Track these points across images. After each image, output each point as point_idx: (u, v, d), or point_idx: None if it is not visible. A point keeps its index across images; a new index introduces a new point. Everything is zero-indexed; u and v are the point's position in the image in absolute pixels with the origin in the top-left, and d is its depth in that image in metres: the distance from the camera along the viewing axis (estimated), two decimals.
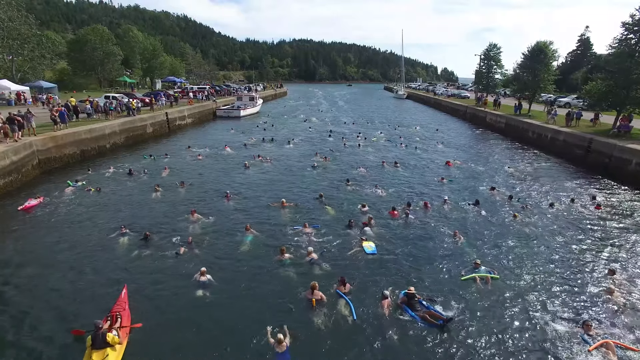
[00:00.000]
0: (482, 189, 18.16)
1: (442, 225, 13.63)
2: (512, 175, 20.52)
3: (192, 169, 21.35)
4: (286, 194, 17.00)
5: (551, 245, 12.16)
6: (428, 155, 25.50)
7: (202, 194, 16.85)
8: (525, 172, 21.14)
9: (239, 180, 19.23)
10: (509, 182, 19.32)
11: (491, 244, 12.18)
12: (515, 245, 12.09)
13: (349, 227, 13.12)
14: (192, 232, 12.94)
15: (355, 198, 16.56)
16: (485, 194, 17.31)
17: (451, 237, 12.55)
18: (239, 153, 25.18)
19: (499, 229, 13.41)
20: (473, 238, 12.62)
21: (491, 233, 13.06)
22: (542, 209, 15.54)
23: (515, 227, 13.59)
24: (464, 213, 14.97)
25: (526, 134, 28.64)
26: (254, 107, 45.69)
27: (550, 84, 31.93)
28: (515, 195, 16.78)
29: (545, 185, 18.74)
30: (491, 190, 17.52)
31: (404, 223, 13.85)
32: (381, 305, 8.75)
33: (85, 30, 55.82)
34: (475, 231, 13.25)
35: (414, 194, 17.36)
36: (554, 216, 14.70)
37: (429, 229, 13.39)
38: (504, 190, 17.79)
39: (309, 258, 10.70)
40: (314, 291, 8.78)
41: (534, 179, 19.83)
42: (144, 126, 27.70)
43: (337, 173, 20.72)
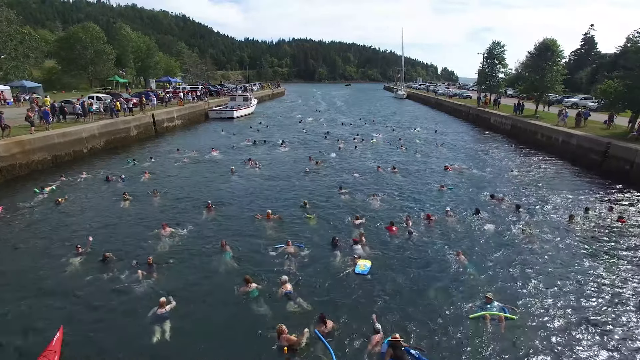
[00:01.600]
0: (485, 197, 16.53)
1: (445, 244, 11.96)
2: (519, 182, 18.83)
3: (175, 174, 19.74)
4: (273, 203, 15.38)
5: (573, 270, 10.46)
6: (428, 159, 23.87)
7: (179, 204, 15.21)
8: (533, 178, 19.46)
9: (223, 187, 17.60)
10: (516, 190, 17.64)
11: (500, 269, 10.46)
12: (530, 271, 10.36)
13: (334, 246, 11.47)
14: (161, 250, 11.38)
15: (348, 208, 14.94)
16: (489, 204, 15.68)
17: (454, 258, 10.88)
18: (227, 157, 23.57)
19: (509, 248, 11.72)
20: (480, 260, 10.92)
21: (500, 253, 11.36)
22: (554, 221, 13.86)
23: (526, 245, 11.91)
24: (468, 227, 13.32)
25: (534, 136, 26.94)
26: (248, 107, 44.01)
27: (559, 83, 30.21)
28: (524, 206, 15.14)
29: (556, 194, 17.04)
30: (496, 200, 15.90)
31: (403, 241, 12.17)
32: (371, 343, 7.26)
33: (75, 28, 54.04)
34: (482, 250, 11.58)
35: (413, 202, 15.73)
36: (569, 231, 13.00)
37: (431, 248, 11.70)
38: (510, 199, 16.18)
39: (283, 290, 8.93)
40: (280, 336, 7.15)
41: (543, 186, 18.13)
42: (128, 129, 26.01)
43: (330, 179, 19.09)
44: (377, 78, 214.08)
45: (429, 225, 13.38)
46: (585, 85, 58.67)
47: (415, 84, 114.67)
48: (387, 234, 12.52)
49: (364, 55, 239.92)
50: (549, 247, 11.83)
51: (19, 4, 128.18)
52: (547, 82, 29.87)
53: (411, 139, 30.56)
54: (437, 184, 17.98)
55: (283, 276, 9.30)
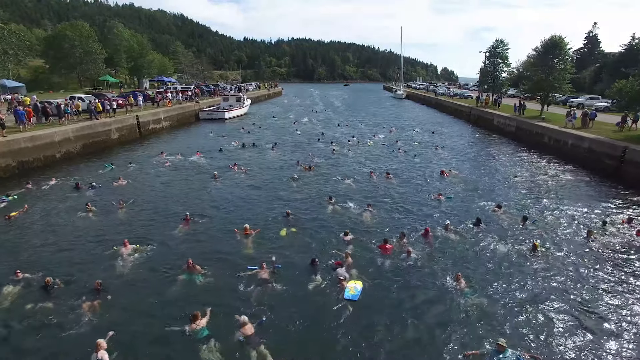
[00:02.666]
0: (488, 206, 14.98)
1: (445, 264, 10.48)
2: (525, 190, 17.26)
3: (152, 180, 18.21)
4: (255, 215, 13.88)
5: (600, 301, 8.87)
6: (426, 163, 22.29)
7: (149, 216, 13.68)
8: (541, 186, 17.86)
9: (203, 195, 16.05)
10: (522, 199, 16.07)
11: (510, 300, 8.89)
12: (548, 303, 8.77)
13: (314, 269, 9.94)
14: (117, 272, 9.91)
15: (337, 222, 13.37)
16: (492, 214, 14.15)
17: (454, 285, 9.35)
18: (212, 161, 22.04)
19: (519, 272, 10.18)
20: (484, 286, 9.37)
21: (508, 278, 9.81)
22: (570, 238, 12.28)
23: (539, 267, 10.37)
24: (470, 243, 11.81)
25: (541, 139, 25.33)
26: (241, 108, 42.39)
27: (567, 82, 28.59)
28: (531, 216, 13.60)
29: (568, 203, 15.47)
30: (499, 209, 14.33)
31: (397, 261, 10.60)
32: None
33: (63, 26, 52.39)
34: (487, 274, 10.04)
35: (409, 214, 14.19)
36: (589, 250, 11.40)
37: (429, 270, 10.19)
38: (515, 210, 14.66)
39: (240, 335, 7.27)
40: None
41: (553, 195, 16.56)
42: (108, 131, 24.40)
43: (320, 186, 17.54)
44: (376, 78, 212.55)
45: (427, 241, 11.87)
46: (588, 85, 57.07)
47: (415, 84, 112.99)
48: (379, 254, 10.95)
49: (363, 55, 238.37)
50: (567, 270, 10.25)
51: (14, 3, 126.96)
52: (554, 82, 28.25)
53: (409, 141, 29.01)
54: (434, 192, 16.45)
55: (242, 317, 7.62)
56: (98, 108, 26.14)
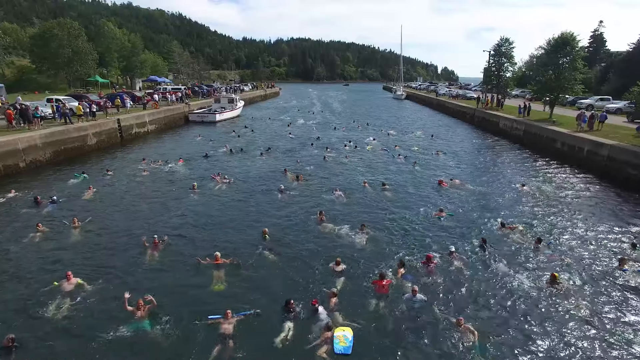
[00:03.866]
0: (494, 224, 13.21)
1: (450, 304, 8.66)
2: (536, 204, 15.42)
3: (124, 191, 16.45)
4: (233, 236, 12.06)
5: None
6: (426, 171, 20.44)
7: (108, 238, 11.83)
8: (555, 199, 15.98)
9: (178, 212, 14.19)
10: (533, 215, 14.23)
11: (527, 353, 7.04)
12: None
13: (289, 314, 8.09)
14: (52, 314, 8.11)
15: (326, 245, 11.57)
16: (499, 234, 12.40)
17: (459, 334, 7.56)
18: (194, 169, 20.29)
19: (535, 311, 8.38)
20: (495, 336, 7.54)
21: (525, 323, 8.01)
22: (597, 267, 10.43)
23: (560, 306, 8.57)
24: (477, 274, 9.99)
25: (552, 144, 23.41)
26: (233, 110, 40.48)
27: (578, 83, 26.70)
28: (545, 238, 11.83)
29: (588, 221, 13.65)
30: (507, 228, 12.56)
31: (393, 301, 8.77)
32: None
33: (50, 23, 50.46)
34: (498, 318, 8.24)
35: (407, 236, 12.33)
36: (623, 285, 9.52)
37: (431, 313, 8.33)
38: (526, 226, 12.90)
39: None
40: None
41: (569, 210, 14.69)
42: (83, 137, 22.50)
43: (308, 199, 15.77)
44: (376, 78, 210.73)
45: (429, 271, 10.03)
46: (595, 85, 55.17)
47: (415, 84, 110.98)
48: (374, 292, 9.09)
49: (362, 54, 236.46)
50: (597, 312, 8.38)
51: (8, 2, 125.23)
52: (565, 82, 26.35)
53: (409, 146, 27.16)
54: (434, 209, 14.59)
55: None
56: (79, 111, 24.35)
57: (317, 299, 8.41)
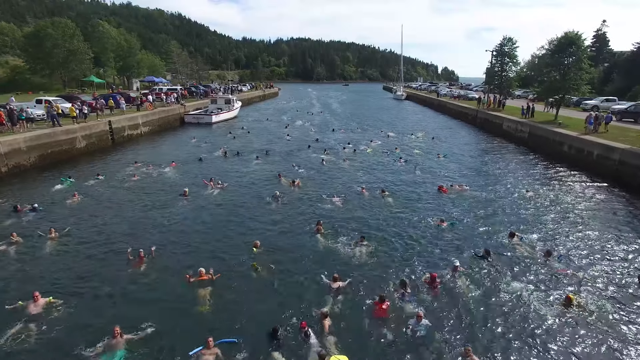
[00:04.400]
0: (499, 233, 12.49)
1: (455, 327, 7.90)
2: (544, 211, 14.57)
3: (111, 198, 15.70)
4: (221, 250, 11.22)
5: None
6: (427, 175, 19.62)
7: (86, 251, 11.04)
8: (564, 206, 15.13)
9: (167, 220, 13.41)
10: (541, 224, 13.41)
11: None
12: None
13: (274, 340, 7.31)
14: (11, 340, 7.26)
15: (321, 259, 10.76)
16: (506, 246, 11.60)
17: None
18: (186, 174, 19.44)
19: (551, 340, 7.51)
20: None
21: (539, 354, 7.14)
22: (610, 281, 9.61)
23: (579, 335, 7.67)
24: (484, 293, 9.20)
25: (559, 148, 22.55)
26: (230, 111, 39.61)
27: (584, 83, 25.85)
28: (556, 250, 11.10)
29: (600, 229, 12.84)
30: (513, 238, 11.81)
31: (398, 326, 7.93)
32: None
33: (44, 23, 49.67)
34: (509, 348, 7.37)
35: (407, 247, 11.56)
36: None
37: (435, 342, 7.49)
38: (535, 239, 12.08)
39: None
40: None
41: (580, 218, 13.86)
42: (72, 140, 21.66)
43: (305, 206, 15.00)
44: (376, 78, 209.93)
45: (433, 290, 9.23)
46: (598, 85, 54.28)
47: (415, 84, 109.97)
48: (371, 316, 8.26)
49: (363, 54, 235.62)
50: (623, 343, 7.52)
51: (6, 2, 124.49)
52: (571, 83, 25.49)
53: (410, 148, 26.32)
54: (435, 215, 13.86)
55: None
56: (72, 112, 23.51)
57: (306, 322, 7.60)
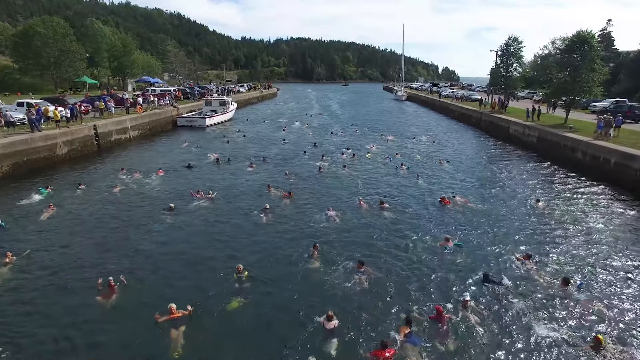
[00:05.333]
0: (509, 255, 11.14)
1: None
2: (558, 227, 13.21)
3: (88, 212, 14.35)
4: (201, 277, 9.86)
5: None
6: (431, 185, 18.18)
7: (48, 279, 9.66)
8: (579, 221, 13.69)
9: (145, 239, 12.11)
10: (554, 242, 12.04)
11: None
12: None
13: None
14: None
15: (316, 292, 9.32)
16: (519, 270, 10.33)
17: None
18: (174, 183, 18.15)
19: None
20: None
21: None
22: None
23: None
24: (498, 331, 7.87)
25: (571, 154, 21.13)
26: (225, 113, 38.19)
27: (597, 85, 24.46)
28: (574, 277, 9.77)
29: (624, 250, 11.44)
30: (528, 260, 10.52)
31: None
32: None
33: (34, 21, 48.34)
34: None
35: (412, 275, 10.14)
36: None
37: None
38: (551, 262, 10.77)
39: None
40: None
41: (598, 236, 12.45)
42: (52, 146, 20.28)
43: (298, 222, 13.62)
44: (376, 78, 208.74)
45: (440, 328, 7.89)
46: (604, 86, 52.89)
47: (416, 84, 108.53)
48: None
49: (363, 54, 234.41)
50: None
51: (2, 1, 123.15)
52: (583, 84, 24.10)
53: (411, 154, 24.95)
54: (438, 232, 12.57)
55: None
56: (56, 116, 22.13)
57: None
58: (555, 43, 44.83)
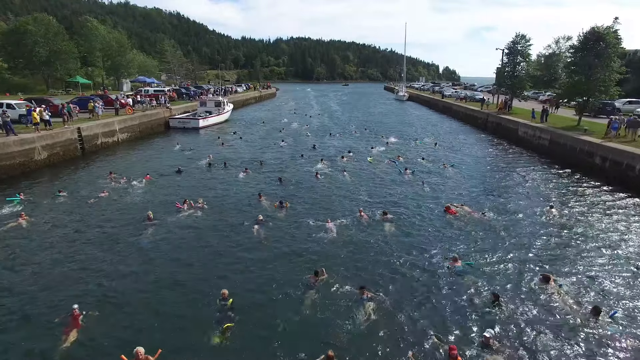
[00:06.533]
0: (528, 274, 9.88)
1: None
2: (582, 244, 11.73)
3: (62, 222, 13.04)
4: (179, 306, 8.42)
5: None
6: (438, 193, 16.72)
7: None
8: (605, 237, 12.20)
9: (120, 257, 10.71)
10: (580, 262, 10.58)
11: None
12: None
13: None
14: None
15: (314, 326, 7.89)
16: (542, 293, 9.02)
17: None
18: (160, 189, 16.93)
19: None
20: None
21: None
22: None
23: None
24: None
25: (589, 159, 19.62)
26: (220, 114, 36.69)
27: (614, 85, 22.97)
28: (606, 306, 8.41)
29: None
30: (551, 283, 9.18)
31: None
32: None
33: (25, 19, 46.85)
34: None
35: (420, 304, 8.70)
36: None
37: None
38: (575, 284, 9.46)
39: None
40: None
41: (630, 257, 10.95)
42: (28, 151, 18.81)
43: (293, 236, 12.23)
44: (377, 77, 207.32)
45: None
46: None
47: (418, 84, 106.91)
48: None
49: (363, 54, 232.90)
50: None
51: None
52: (599, 84, 22.61)
53: (414, 157, 23.50)
54: (444, 248, 11.29)
55: None
56: (35, 118, 20.67)
57: None
58: (560, 42, 43.16)
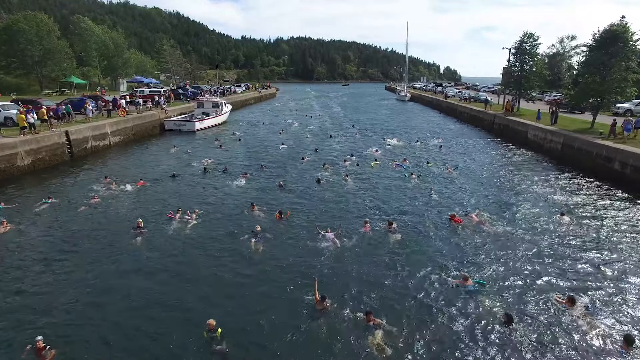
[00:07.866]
0: (547, 294, 8.90)
1: None
2: (606, 261, 10.53)
3: (47, 231, 12.17)
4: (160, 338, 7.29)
5: None
6: (446, 200, 15.60)
7: None
8: (632, 252, 11.10)
9: (104, 273, 9.70)
10: (606, 283, 9.42)
11: None
12: None
13: None
14: None
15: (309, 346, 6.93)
16: (565, 317, 8.08)
17: None
18: (154, 194, 16.06)
19: None
20: None
21: None
22: None
23: None
24: None
25: (607, 165, 18.43)
26: (218, 116, 35.54)
27: (631, 85, 21.80)
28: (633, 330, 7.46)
29: None
30: (574, 306, 8.21)
31: None
32: None
33: (16, 17, 45.86)
34: None
35: (429, 332, 7.49)
36: None
37: None
38: (603, 308, 8.45)
39: None
40: None
41: None
42: (10, 157, 17.65)
43: (293, 251, 11.13)
44: (378, 77, 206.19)
45: None
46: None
47: (419, 84, 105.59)
48: None
49: (364, 53, 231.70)
50: None
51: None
52: (615, 85, 21.45)
53: (419, 161, 22.36)
54: (453, 263, 10.34)
55: None
56: (20, 121, 19.57)
57: None
58: (564, 42, 42.04)
